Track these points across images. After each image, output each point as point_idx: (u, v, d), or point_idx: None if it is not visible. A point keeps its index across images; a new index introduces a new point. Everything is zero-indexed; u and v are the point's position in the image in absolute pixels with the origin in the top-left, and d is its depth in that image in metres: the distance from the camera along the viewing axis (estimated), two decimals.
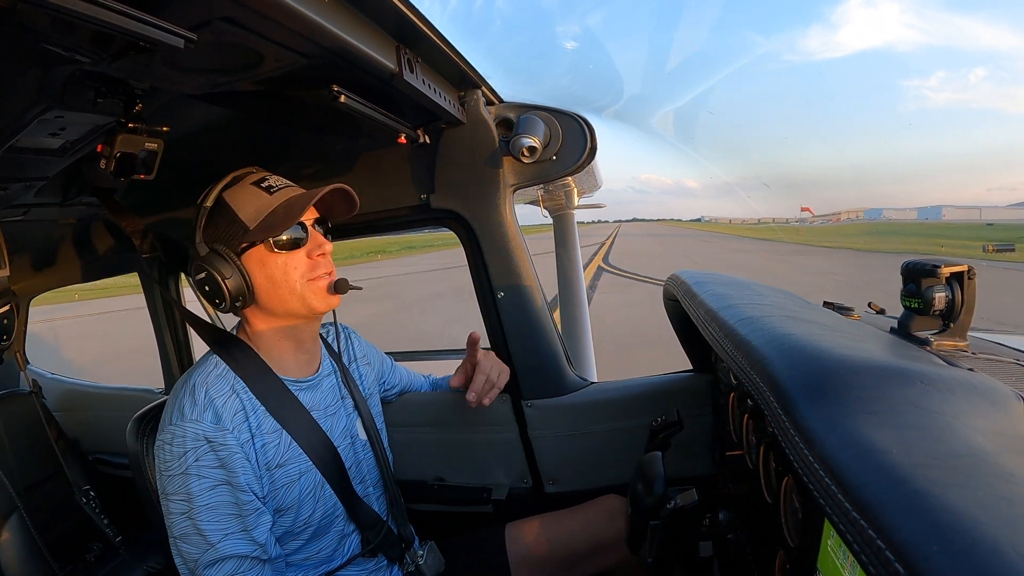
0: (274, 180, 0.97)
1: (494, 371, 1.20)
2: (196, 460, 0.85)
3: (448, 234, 1.36)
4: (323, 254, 0.96)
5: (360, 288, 1.03)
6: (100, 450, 1.97)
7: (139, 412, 1.06)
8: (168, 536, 0.88)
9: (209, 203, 0.95)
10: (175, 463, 0.86)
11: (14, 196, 1.10)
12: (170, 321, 1.74)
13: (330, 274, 0.97)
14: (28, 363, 2.10)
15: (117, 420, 1.29)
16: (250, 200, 0.94)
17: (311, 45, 0.73)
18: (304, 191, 0.97)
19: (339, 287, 0.97)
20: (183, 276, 1.72)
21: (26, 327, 2.01)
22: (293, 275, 0.94)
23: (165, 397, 1.12)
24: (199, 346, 1.79)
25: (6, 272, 1.21)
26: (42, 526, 1.50)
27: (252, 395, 0.93)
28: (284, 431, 0.94)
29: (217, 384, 0.91)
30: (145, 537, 1.66)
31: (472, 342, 1.18)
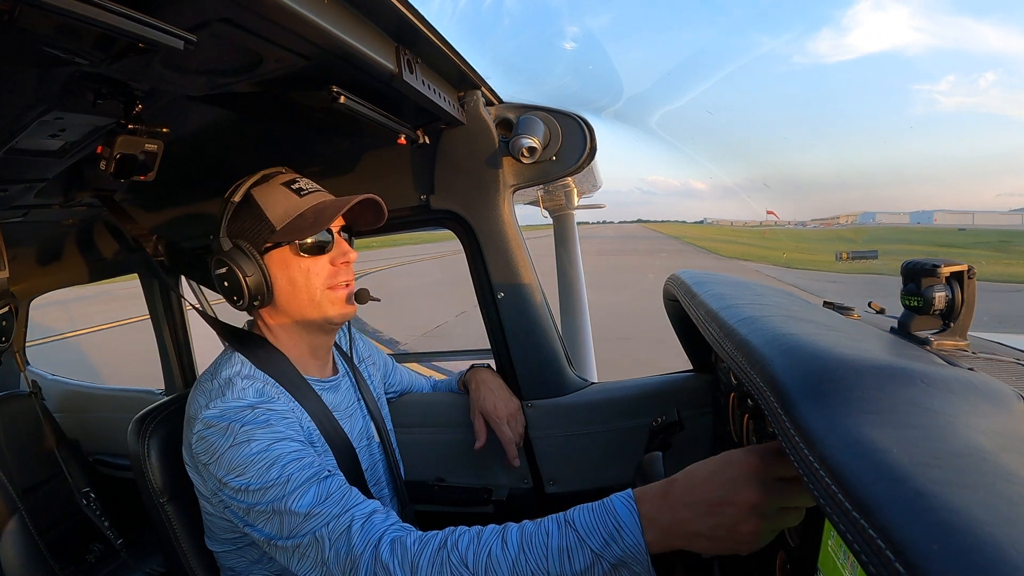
0: (304, 183, 0.97)
1: (513, 422, 1.27)
2: (243, 426, 0.79)
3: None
4: (347, 262, 0.95)
5: (378, 299, 1.03)
6: (100, 451, 1.97)
7: (140, 413, 1.06)
8: (245, 526, 0.80)
9: (236, 198, 0.93)
10: (222, 439, 0.79)
11: (14, 197, 1.10)
12: (170, 321, 1.74)
13: (350, 283, 0.97)
14: (28, 364, 2.11)
15: (118, 421, 1.29)
16: (279, 200, 0.93)
17: (310, 46, 0.73)
18: (334, 197, 0.97)
19: (360, 297, 0.98)
20: (183, 277, 1.73)
21: (26, 328, 2.01)
22: (315, 281, 0.93)
23: (166, 398, 1.12)
24: (200, 346, 1.80)
25: (6, 274, 1.21)
26: (43, 527, 1.51)
27: (284, 390, 0.92)
28: (318, 430, 0.93)
29: (251, 376, 0.89)
30: (145, 539, 1.66)
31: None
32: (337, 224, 0.96)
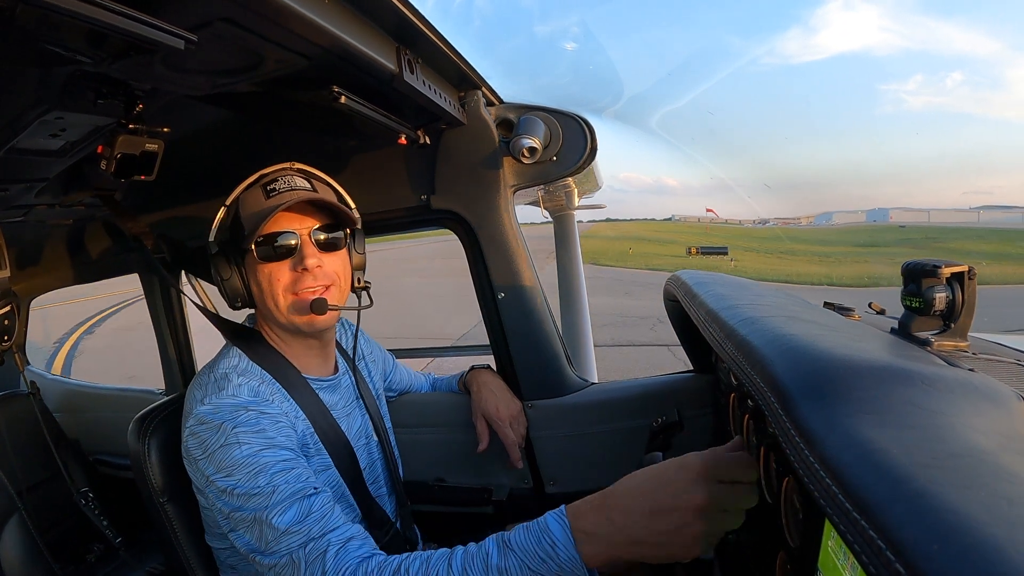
0: (283, 183, 0.93)
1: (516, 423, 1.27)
2: (234, 428, 0.80)
3: None
4: (305, 268, 0.90)
5: (341, 308, 0.97)
6: (101, 451, 1.97)
7: (140, 412, 1.06)
8: (228, 531, 0.82)
9: (228, 202, 0.95)
10: (213, 438, 0.80)
11: (15, 197, 1.10)
12: (171, 321, 1.74)
13: (316, 291, 0.92)
14: (28, 364, 2.10)
15: (118, 421, 1.29)
16: (251, 204, 0.93)
17: (311, 46, 0.73)
18: (300, 198, 0.91)
19: (315, 307, 0.91)
20: (183, 278, 1.72)
21: (26, 327, 2.01)
22: (276, 287, 0.91)
23: (167, 398, 1.12)
24: (200, 346, 1.80)
25: (7, 273, 1.21)
26: (43, 527, 1.50)
27: (281, 387, 0.92)
28: (312, 427, 0.93)
29: (248, 373, 0.90)
30: (145, 538, 1.66)
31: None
32: (307, 226, 0.91)
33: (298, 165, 0.99)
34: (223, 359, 0.93)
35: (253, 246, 0.90)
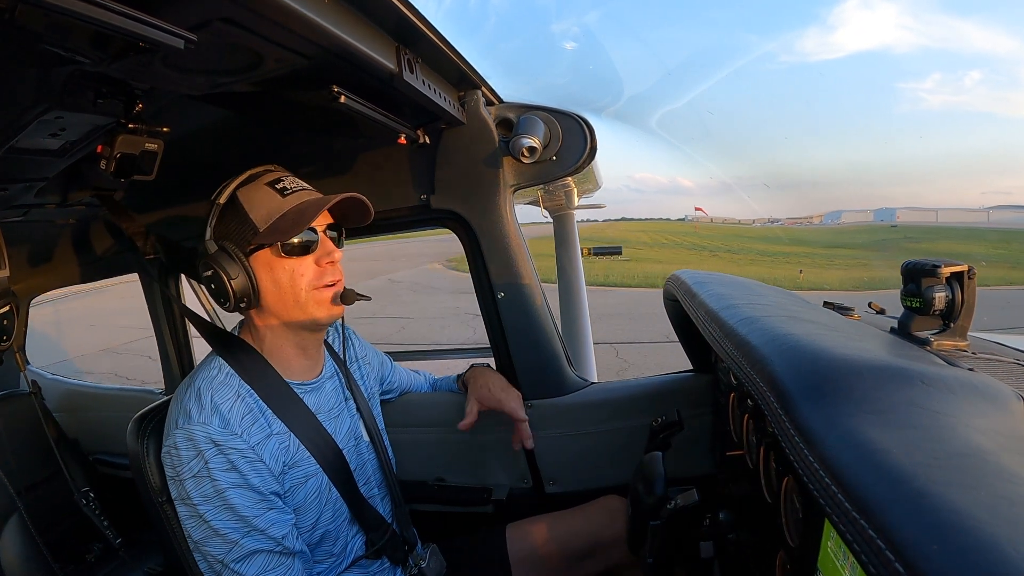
0: (289, 182, 0.96)
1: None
2: (206, 463, 0.84)
3: None
4: (332, 262, 0.94)
5: (368, 298, 1.02)
6: (100, 450, 1.97)
7: (139, 412, 1.06)
8: (187, 541, 0.88)
9: (222, 200, 0.93)
10: (185, 467, 0.85)
11: (14, 197, 1.10)
12: (170, 321, 1.74)
13: (337, 283, 0.96)
14: (28, 363, 2.11)
15: (118, 420, 1.29)
16: (263, 201, 0.93)
17: (311, 46, 0.73)
18: (318, 196, 0.96)
19: (345, 297, 0.96)
20: (183, 277, 1.72)
21: (26, 327, 2.01)
22: (300, 282, 0.92)
23: (166, 398, 1.12)
24: (200, 346, 1.80)
25: (6, 273, 1.20)
26: (42, 526, 1.50)
27: (258, 398, 0.92)
28: (291, 434, 0.94)
29: (222, 390, 0.90)
30: (144, 538, 1.66)
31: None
32: (322, 223, 0.95)
33: (275, 167, 1.00)
34: (203, 368, 0.94)
35: (278, 243, 0.91)
